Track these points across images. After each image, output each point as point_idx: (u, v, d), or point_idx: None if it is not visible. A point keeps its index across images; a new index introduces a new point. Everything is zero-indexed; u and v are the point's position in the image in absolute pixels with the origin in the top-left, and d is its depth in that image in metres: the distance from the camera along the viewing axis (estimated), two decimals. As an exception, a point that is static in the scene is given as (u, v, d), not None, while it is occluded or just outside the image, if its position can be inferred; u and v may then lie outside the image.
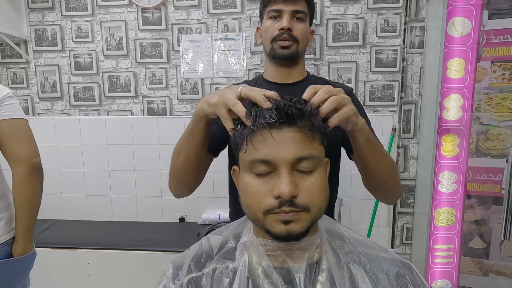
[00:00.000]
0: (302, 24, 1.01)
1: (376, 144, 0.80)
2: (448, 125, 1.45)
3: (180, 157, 0.88)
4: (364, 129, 0.73)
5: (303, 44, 1.03)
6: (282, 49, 1.01)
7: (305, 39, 1.03)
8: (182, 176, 0.92)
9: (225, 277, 0.59)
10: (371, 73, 2.15)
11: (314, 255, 0.61)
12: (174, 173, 0.93)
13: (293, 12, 0.99)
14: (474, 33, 1.37)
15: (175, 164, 0.91)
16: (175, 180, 0.94)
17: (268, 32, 1.02)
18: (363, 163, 0.83)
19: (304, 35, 1.02)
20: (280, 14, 1.00)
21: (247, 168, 0.58)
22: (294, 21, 1.00)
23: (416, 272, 0.64)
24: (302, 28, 1.01)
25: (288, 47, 1.00)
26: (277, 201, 0.55)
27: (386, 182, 0.87)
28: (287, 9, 0.99)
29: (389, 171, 0.85)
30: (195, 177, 0.94)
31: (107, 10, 2.25)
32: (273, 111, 0.56)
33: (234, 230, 0.67)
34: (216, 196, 2.30)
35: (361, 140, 0.74)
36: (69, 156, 2.35)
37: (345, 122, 0.66)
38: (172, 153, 0.92)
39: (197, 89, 2.27)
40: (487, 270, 1.94)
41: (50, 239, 2.10)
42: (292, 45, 1.00)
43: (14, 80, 2.38)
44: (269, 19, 1.02)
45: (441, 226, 1.56)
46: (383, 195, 0.95)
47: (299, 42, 1.01)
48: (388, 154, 0.86)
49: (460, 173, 1.48)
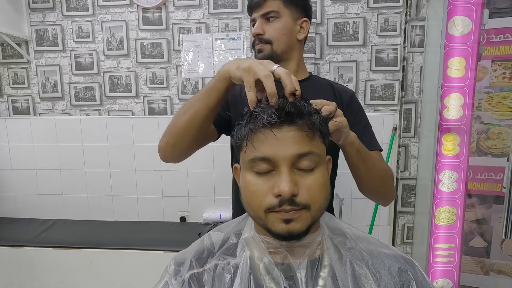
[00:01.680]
0: (275, 23, 1.03)
1: (367, 156, 0.86)
2: (449, 124, 1.45)
3: (187, 115, 0.83)
4: (355, 142, 0.79)
5: (280, 42, 1.04)
6: (258, 53, 1.06)
7: (282, 36, 1.03)
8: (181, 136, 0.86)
9: (226, 273, 0.59)
10: (372, 73, 2.15)
11: (316, 252, 0.61)
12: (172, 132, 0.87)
13: (263, 16, 1.03)
14: (475, 32, 1.37)
15: (177, 121, 0.85)
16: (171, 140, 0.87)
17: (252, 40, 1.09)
18: (355, 172, 0.89)
19: (279, 33, 1.03)
20: (254, 21, 1.06)
21: (248, 167, 0.58)
22: (265, 24, 1.04)
23: (418, 268, 0.64)
24: (274, 27, 1.03)
25: (261, 50, 1.05)
26: (277, 200, 0.55)
27: (378, 189, 0.93)
28: (257, 15, 1.04)
29: (381, 179, 0.92)
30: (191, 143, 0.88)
31: (108, 10, 2.25)
32: (273, 111, 0.56)
33: (235, 227, 0.67)
34: (217, 196, 2.30)
35: (352, 152, 0.81)
36: (70, 156, 2.35)
37: (339, 132, 0.72)
38: (175, 114, 0.87)
39: (197, 89, 2.27)
40: (488, 269, 1.94)
41: (51, 239, 2.11)
42: (264, 47, 1.04)
43: (15, 80, 2.39)
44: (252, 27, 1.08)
45: (442, 225, 1.56)
46: (376, 199, 1.03)
47: (272, 42, 1.04)
48: (381, 162, 0.93)
49: (461, 172, 1.48)
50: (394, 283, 0.61)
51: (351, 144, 0.79)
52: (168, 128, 0.88)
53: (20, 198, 2.44)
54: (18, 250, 2.03)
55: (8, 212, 2.45)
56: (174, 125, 0.86)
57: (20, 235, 2.16)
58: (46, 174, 2.39)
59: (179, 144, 0.87)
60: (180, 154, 0.90)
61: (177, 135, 0.86)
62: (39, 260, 2.03)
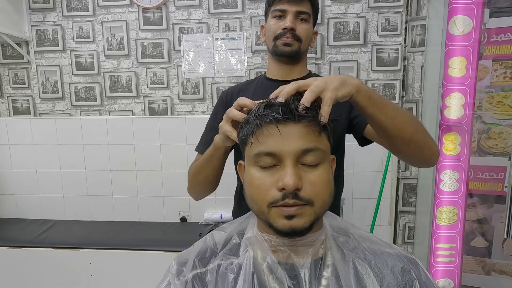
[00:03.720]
0: (305, 24, 1.04)
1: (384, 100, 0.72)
2: (450, 123, 1.44)
3: (201, 176, 0.97)
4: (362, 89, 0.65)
5: (305, 43, 1.06)
6: (284, 46, 1.03)
7: (307, 38, 1.06)
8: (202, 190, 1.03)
9: (230, 273, 0.59)
10: (372, 72, 2.15)
11: (319, 251, 0.61)
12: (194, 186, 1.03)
13: (297, 13, 1.02)
14: (475, 31, 1.36)
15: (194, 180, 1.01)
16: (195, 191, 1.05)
17: (271, 30, 1.05)
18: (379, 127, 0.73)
19: (307, 35, 1.05)
20: (284, 14, 1.02)
21: (253, 161, 0.58)
22: (297, 21, 1.03)
23: (421, 267, 0.63)
24: (305, 28, 1.03)
25: (290, 44, 1.03)
26: (281, 193, 0.55)
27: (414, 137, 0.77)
28: (291, 9, 1.01)
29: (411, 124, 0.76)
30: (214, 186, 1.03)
31: (108, 10, 2.25)
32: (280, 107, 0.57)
33: (238, 226, 0.67)
34: (218, 196, 2.27)
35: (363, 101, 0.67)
36: (71, 157, 2.35)
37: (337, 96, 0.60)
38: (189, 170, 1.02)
39: (198, 89, 2.27)
40: (489, 269, 1.94)
41: (52, 239, 2.10)
42: (294, 43, 1.03)
43: (16, 80, 2.38)
44: (273, 18, 1.05)
45: (443, 225, 1.55)
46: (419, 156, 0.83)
47: (301, 41, 1.04)
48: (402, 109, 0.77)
49: (462, 171, 1.48)
50: (397, 283, 0.61)
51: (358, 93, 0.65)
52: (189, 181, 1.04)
53: (20, 198, 2.44)
54: (18, 250, 2.03)
55: (9, 213, 2.45)
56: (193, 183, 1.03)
57: (20, 235, 2.16)
58: (46, 174, 2.39)
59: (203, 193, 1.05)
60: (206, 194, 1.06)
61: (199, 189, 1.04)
62: (40, 260, 2.03)
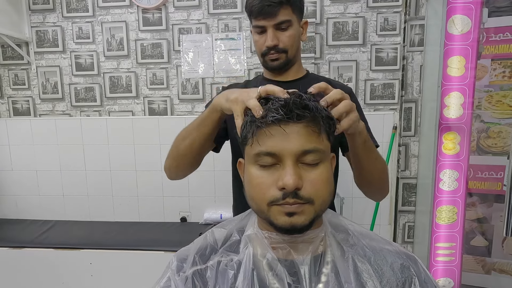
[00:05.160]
0: (288, 31, 1.02)
1: (372, 148, 0.84)
2: (449, 123, 1.45)
3: (186, 141, 0.92)
4: (363, 132, 0.76)
5: (293, 49, 1.05)
6: (272, 62, 1.04)
7: (294, 43, 1.05)
8: (183, 160, 0.96)
9: (230, 269, 0.60)
10: (372, 72, 2.16)
11: (319, 248, 0.61)
12: (175, 155, 0.97)
13: (275, 26, 1.01)
14: (474, 31, 1.37)
15: (178, 147, 0.95)
16: (175, 162, 0.98)
17: (257, 46, 1.06)
18: (357, 163, 0.87)
19: (292, 42, 1.04)
20: (264, 29, 1.02)
21: (253, 160, 0.58)
22: (278, 33, 1.02)
23: (421, 264, 0.64)
24: (288, 35, 1.02)
25: (277, 59, 1.04)
26: (281, 193, 0.55)
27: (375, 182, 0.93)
28: (269, 24, 1.01)
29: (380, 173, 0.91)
30: (193, 163, 0.99)
31: (108, 11, 2.26)
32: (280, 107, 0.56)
33: (238, 223, 0.67)
34: (218, 196, 2.30)
35: (359, 142, 0.77)
36: (71, 157, 2.35)
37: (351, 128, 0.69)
38: (176, 138, 0.95)
39: (198, 89, 2.27)
40: (489, 268, 1.94)
41: (52, 240, 2.10)
42: (281, 56, 1.03)
43: (16, 81, 2.39)
44: (256, 34, 1.05)
45: (442, 224, 1.55)
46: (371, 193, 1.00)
47: (287, 51, 1.03)
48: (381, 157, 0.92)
49: (462, 171, 1.48)
50: (396, 279, 0.61)
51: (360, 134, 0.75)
52: (171, 151, 0.98)
53: (20, 199, 2.44)
54: (19, 251, 2.03)
55: (9, 213, 2.45)
56: (175, 150, 0.96)
57: (20, 236, 2.16)
58: (46, 175, 2.39)
59: (181, 166, 0.99)
60: (183, 173, 1.02)
61: (178, 159, 0.97)
62: (40, 261, 2.03)
